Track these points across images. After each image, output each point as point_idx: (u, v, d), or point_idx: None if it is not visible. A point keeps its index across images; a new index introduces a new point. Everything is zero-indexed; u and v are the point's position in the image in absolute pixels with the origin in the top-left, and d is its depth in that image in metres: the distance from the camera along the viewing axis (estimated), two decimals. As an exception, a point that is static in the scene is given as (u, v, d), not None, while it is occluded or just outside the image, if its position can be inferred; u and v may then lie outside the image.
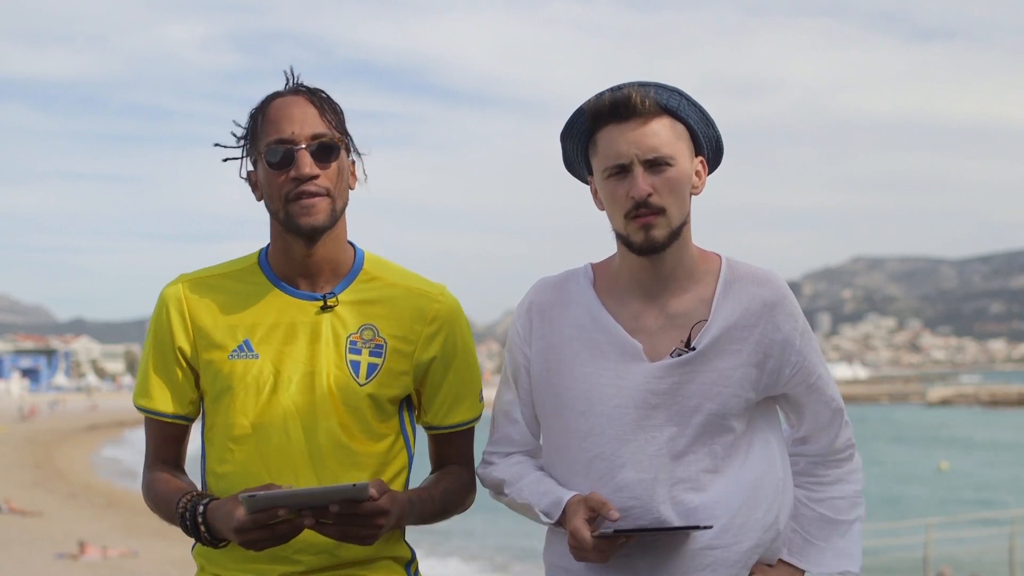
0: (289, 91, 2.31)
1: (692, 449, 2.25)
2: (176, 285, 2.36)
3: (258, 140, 2.28)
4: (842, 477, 2.39)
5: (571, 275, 2.39)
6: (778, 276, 2.36)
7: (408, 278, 2.40)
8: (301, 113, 2.26)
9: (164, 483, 2.34)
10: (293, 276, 2.33)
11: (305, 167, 2.23)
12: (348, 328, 2.32)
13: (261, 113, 2.29)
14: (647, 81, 2.28)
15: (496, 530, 24.25)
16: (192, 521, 2.21)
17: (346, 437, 2.29)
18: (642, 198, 2.21)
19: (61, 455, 43.03)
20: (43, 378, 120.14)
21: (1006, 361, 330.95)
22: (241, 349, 2.30)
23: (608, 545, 2.17)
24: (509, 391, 2.41)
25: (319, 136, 2.25)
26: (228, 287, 2.35)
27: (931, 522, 15.60)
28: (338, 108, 2.32)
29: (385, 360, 2.33)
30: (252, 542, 2.10)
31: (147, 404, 2.37)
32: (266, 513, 2.07)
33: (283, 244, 2.32)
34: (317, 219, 2.25)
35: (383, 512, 2.13)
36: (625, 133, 2.23)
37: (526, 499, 2.32)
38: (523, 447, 2.41)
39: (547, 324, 2.35)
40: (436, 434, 2.44)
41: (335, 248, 2.32)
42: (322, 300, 2.31)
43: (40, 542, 20.53)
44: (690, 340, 2.27)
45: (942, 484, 38.96)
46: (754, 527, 2.26)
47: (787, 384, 2.33)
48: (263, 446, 2.27)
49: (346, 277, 2.35)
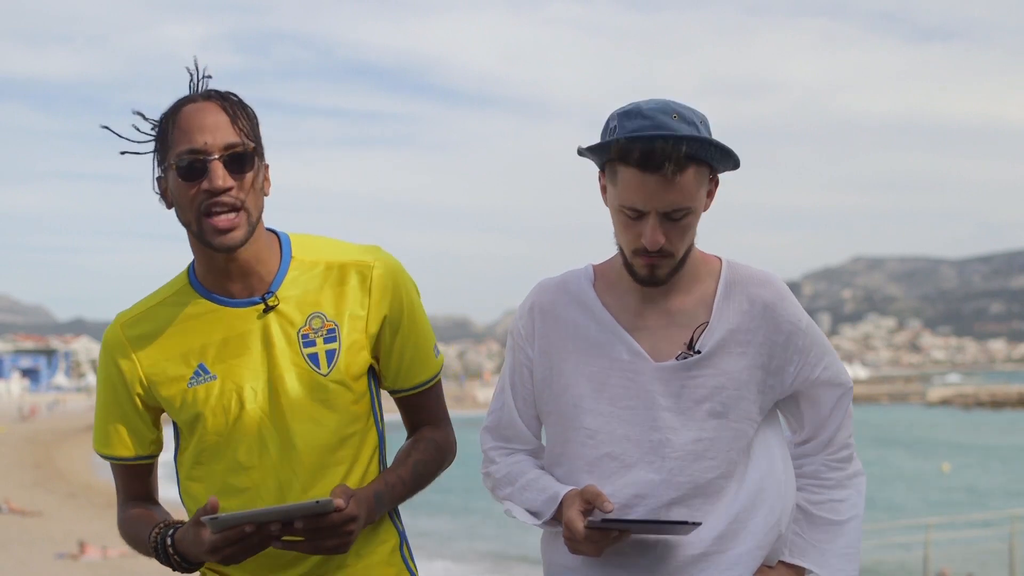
0: (201, 96, 2.23)
1: (706, 454, 2.25)
2: (114, 328, 2.33)
3: (168, 149, 2.21)
4: (843, 482, 2.39)
5: (572, 276, 2.40)
6: (777, 277, 2.37)
7: (340, 252, 2.34)
8: (213, 122, 2.18)
9: (135, 520, 2.35)
10: (224, 284, 2.27)
11: (218, 179, 2.16)
12: (295, 323, 2.28)
13: (171, 120, 2.21)
14: (679, 131, 2.14)
15: (485, 533, 24.27)
16: (164, 553, 2.22)
17: (321, 434, 2.27)
18: (655, 249, 2.20)
19: (61, 455, 43.05)
20: (43, 378, 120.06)
21: (1006, 361, 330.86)
22: (198, 374, 2.27)
23: (601, 537, 2.16)
24: (510, 391, 2.41)
25: (232, 146, 2.18)
26: (166, 315, 2.30)
27: (931, 522, 15.61)
28: (251, 113, 2.25)
29: (341, 342, 2.29)
30: (228, 558, 2.12)
31: (107, 452, 2.38)
32: (235, 530, 2.07)
33: (205, 256, 2.27)
34: (234, 238, 2.19)
35: (352, 519, 2.13)
36: (647, 184, 2.16)
37: (523, 497, 2.31)
38: (524, 446, 2.41)
39: (549, 324, 2.36)
40: (402, 397, 2.42)
41: (257, 249, 2.26)
42: (262, 303, 2.27)
43: (40, 542, 20.54)
44: (692, 342, 2.28)
45: (939, 485, 38.97)
46: (756, 529, 2.27)
47: (792, 383, 2.34)
48: (242, 463, 2.26)
49: (279, 272, 2.29)
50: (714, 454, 2.26)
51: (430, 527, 25.13)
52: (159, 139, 2.25)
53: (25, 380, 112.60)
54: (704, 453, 2.25)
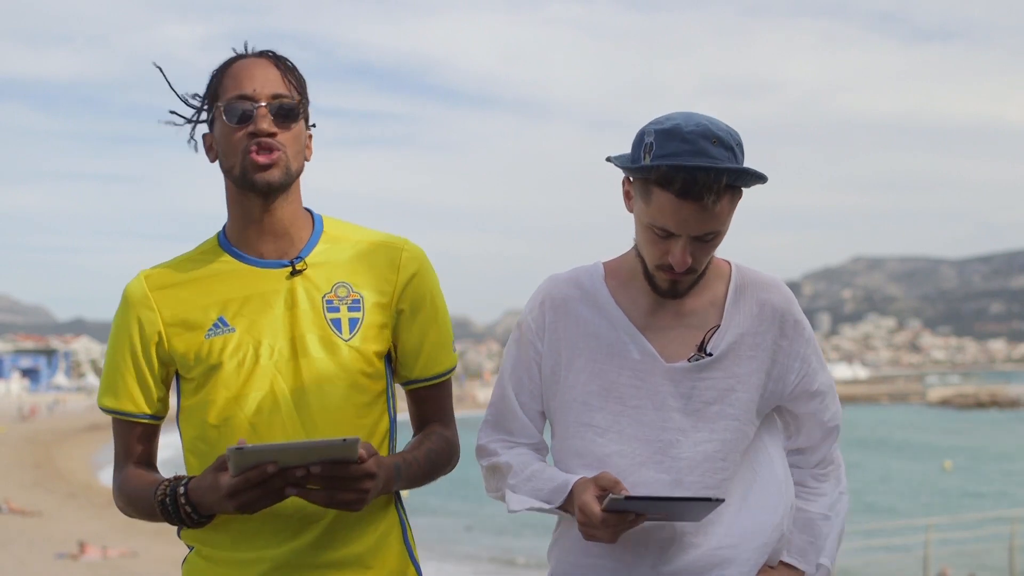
0: (253, 53, 2.29)
1: (714, 455, 2.26)
2: (138, 279, 2.32)
3: (217, 99, 2.25)
4: (827, 491, 2.41)
5: (584, 272, 2.39)
6: (784, 284, 2.38)
7: (371, 233, 2.38)
8: (263, 74, 2.24)
9: (138, 478, 2.30)
10: (256, 244, 2.29)
11: (263, 123, 2.20)
12: (321, 289, 2.28)
13: (223, 72, 2.27)
14: (719, 159, 2.11)
15: (485, 532, 24.27)
16: (174, 503, 2.17)
17: (336, 399, 2.25)
18: (682, 270, 2.20)
19: (61, 455, 43.05)
20: (43, 378, 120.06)
21: (1006, 361, 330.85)
22: (216, 326, 2.25)
23: (618, 521, 2.14)
24: (513, 384, 2.39)
25: (280, 96, 2.23)
26: (191, 269, 2.31)
27: (931, 522, 15.62)
28: (300, 76, 2.29)
29: (364, 314, 2.29)
30: (246, 504, 2.07)
31: (114, 404, 2.32)
32: (256, 471, 2.03)
33: (240, 208, 2.28)
34: (272, 175, 2.21)
35: (370, 475, 2.10)
36: (682, 211, 2.14)
37: (528, 487, 2.29)
38: (527, 440, 2.39)
39: (560, 320, 2.35)
40: (416, 388, 2.41)
41: (292, 211, 2.30)
42: (290, 266, 2.28)
43: (40, 542, 20.54)
44: (704, 344, 2.28)
45: (939, 486, 38.96)
46: (761, 528, 2.28)
47: (791, 393, 2.35)
48: (252, 419, 2.22)
49: (309, 241, 2.31)
50: (723, 455, 2.26)
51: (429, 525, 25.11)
52: (208, 92, 2.29)
53: (25, 380, 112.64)
54: (713, 454, 2.26)
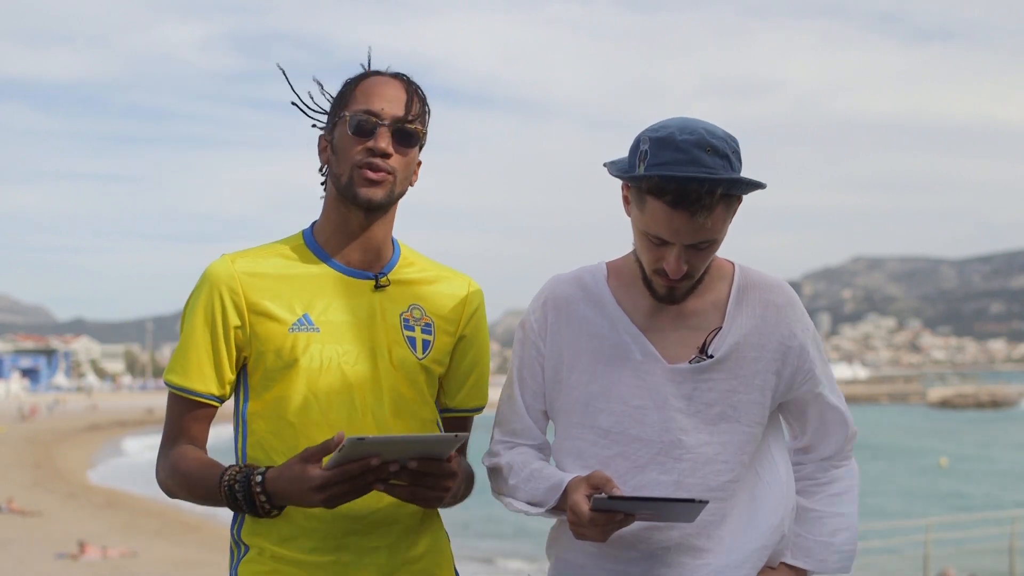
0: (389, 73, 2.36)
1: (716, 457, 2.25)
2: (224, 261, 2.32)
3: (344, 107, 2.32)
4: (841, 476, 2.40)
5: (587, 272, 2.39)
6: (787, 284, 2.37)
7: (440, 267, 2.49)
8: (394, 94, 2.32)
9: (196, 458, 2.28)
10: (346, 252, 2.35)
11: (382, 141, 2.27)
12: (399, 307, 2.37)
13: (355, 84, 2.34)
14: (713, 168, 2.09)
15: (483, 533, 24.26)
16: (247, 491, 2.17)
17: (406, 410, 2.34)
18: (677, 277, 2.20)
19: (61, 455, 43.04)
20: (43, 378, 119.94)
21: (1006, 361, 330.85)
22: (301, 323, 2.30)
23: (606, 520, 2.12)
24: (518, 385, 2.39)
25: (404, 120, 2.30)
26: (279, 264, 2.34)
27: (931, 522, 15.61)
28: (427, 105, 2.37)
29: (435, 338, 2.40)
30: (335, 496, 2.08)
31: (181, 381, 2.30)
32: (358, 463, 2.05)
33: (339, 216, 2.35)
34: (377, 193, 2.28)
35: (453, 475, 2.16)
36: (675, 220, 2.13)
37: (526, 487, 2.29)
38: (530, 441, 2.39)
39: (563, 319, 2.35)
40: (451, 418, 2.49)
41: (386, 231, 2.38)
42: (375, 279, 2.35)
43: (40, 542, 20.53)
44: (705, 347, 2.28)
45: (939, 485, 38.96)
46: (762, 529, 2.28)
47: (798, 391, 2.35)
48: (331, 419, 2.27)
49: (391, 260, 2.40)
50: (726, 457, 2.26)
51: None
52: (338, 98, 2.36)
53: (25, 380, 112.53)
54: (716, 456, 2.25)
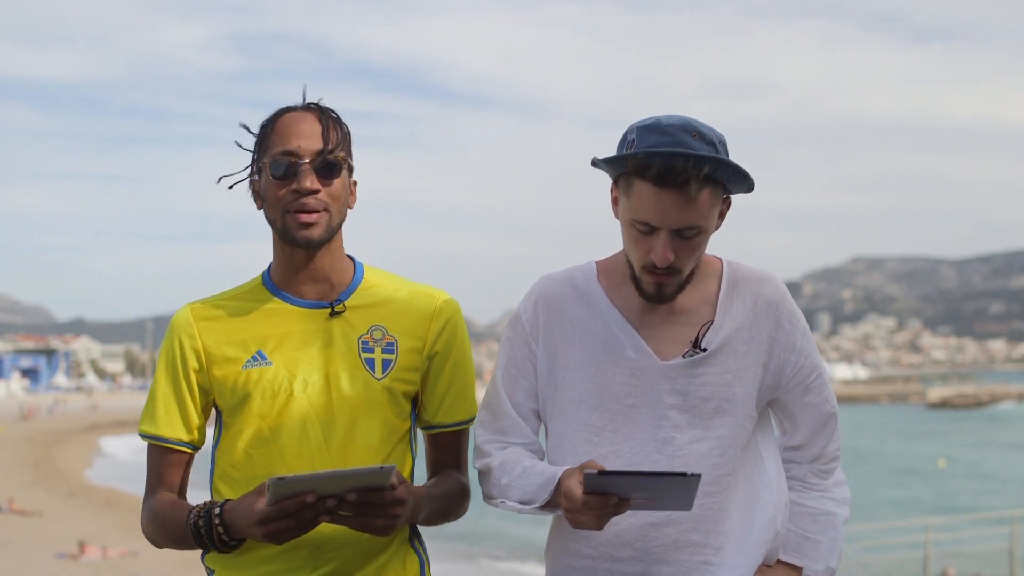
0: (300, 107, 2.37)
1: (710, 452, 2.26)
2: (184, 310, 2.42)
3: (265, 151, 2.34)
4: (828, 488, 2.41)
5: (577, 271, 2.40)
6: (777, 277, 2.38)
7: (408, 283, 2.47)
8: (309, 129, 2.32)
9: (170, 504, 2.34)
10: (298, 286, 2.37)
11: (306, 181, 2.28)
12: (358, 330, 2.37)
13: (270, 125, 2.35)
14: (692, 149, 2.13)
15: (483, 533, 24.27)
16: (208, 526, 2.21)
17: (364, 434, 2.32)
18: (664, 266, 2.21)
19: (61, 455, 43.06)
20: (43, 378, 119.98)
21: (1006, 361, 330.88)
22: (255, 359, 2.34)
23: (600, 504, 2.09)
24: (510, 383, 2.40)
25: (324, 153, 2.30)
26: (235, 306, 2.40)
27: (931, 522, 15.61)
28: (346, 129, 2.37)
29: (398, 357, 2.38)
30: (276, 533, 2.11)
31: (152, 431, 2.39)
32: (293, 500, 2.07)
33: (284, 255, 2.38)
34: (313, 233, 2.30)
35: (401, 502, 2.15)
36: (662, 201, 2.16)
37: (520, 485, 2.28)
38: (521, 440, 2.39)
39: (555, 318, 2.36)
40: (436, 434, 2.47)
41: (333, 259, 2.38)
42: (330, 308, 2.36)
43: (40, 542, 20.54)
44: (698, 341, 2.28)
45: (938, 486, 38.96)
46: (756, 526, 2.29)
47: (787, 385, 2.35)
48: (283, 448, 2.30)
49: (349, 286, 2.40)
50: (720, 452, 2.27)
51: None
52: (258, 143, 2.37)
53: (25, 380, 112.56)
54: (710, 451, 2.26)
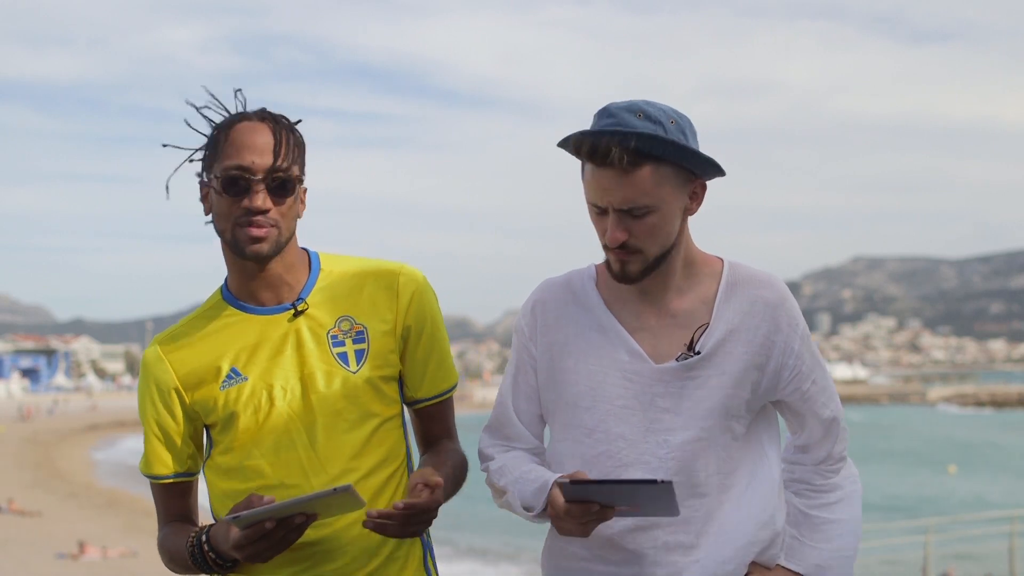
0: (255, 115, 2.30)
1: (702, 453, 2.26)
2: (152, 346, 2.40)
3: (216, 160, 2.28)
4: (836, 485, 2.40)
5: (576, 275, 2.41)
6: (779, 279, 2.37)
7: (367, 262, 2.43)
8: (263, 143, 2.26)
9: (174, 534, 2.36)
10: (256, 294, 2.35)
11: (257, 200, 2.24)
12: (325, 325, 2.34)
13: (224, 133, 2.29)
14: (630, 127, 2.15)
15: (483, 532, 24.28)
16: (200, 552, 2.23)
17: (348, 431, 2.30)
18: (614, 245, 2.21)
19: (61, 455, 43.08)
20: (43, 378, 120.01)
21: (1006, 361, 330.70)
22: (230, 378, 2.32)
23: (582, 512, 2.11)
24: (513, 389, 2.41)
25: (277, 171, 2.26)
26: (200, 327, 2.37)
27: (931, 523, 15.61)
28: (299, 138, 2.33)
29: (370, 344, 2.35)
30: (253, 556, 2.13)
31: (147, 470, 2.41)
32: (254, 529, 2.09)
33: (238, 265, 2.34)
34: (263, 248, 2.27)
35: (439, 504, 2.20)
36: (601, 180, 2.19)
37: (518, 490, 2.29)
38: (523, 445, 2.40)
39: (552, 322, 2.37)
40: (422, 408, 2.46)
41: (286, 264, 2.34)
42: (292, 308, 2.34)
43: (40, 542, 20.56)
44: (693, 343, 2.28)
45: (938, 486, 38.96)
46: (750, 526, 2.28)
47: (784, 389, 2.34)
48: (271, 459, 2.29)
49: (307, 282, 2.37)
50: (712, 453, 2.26)
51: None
52: (209, 147, 2.32)
53: (25, 380, 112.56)
54: (701, 453, 2.26)
